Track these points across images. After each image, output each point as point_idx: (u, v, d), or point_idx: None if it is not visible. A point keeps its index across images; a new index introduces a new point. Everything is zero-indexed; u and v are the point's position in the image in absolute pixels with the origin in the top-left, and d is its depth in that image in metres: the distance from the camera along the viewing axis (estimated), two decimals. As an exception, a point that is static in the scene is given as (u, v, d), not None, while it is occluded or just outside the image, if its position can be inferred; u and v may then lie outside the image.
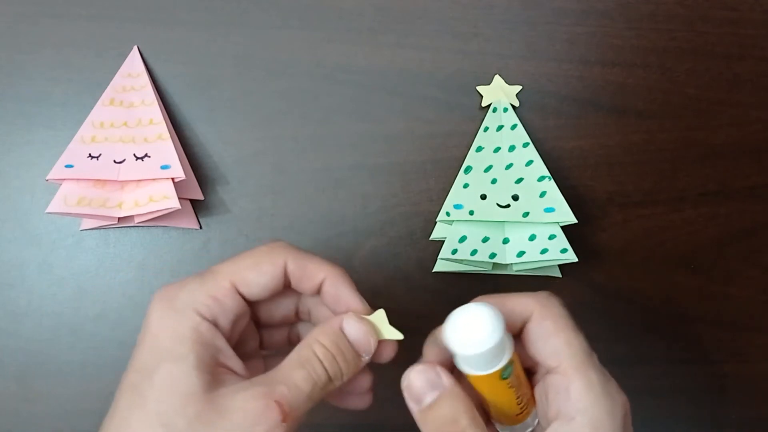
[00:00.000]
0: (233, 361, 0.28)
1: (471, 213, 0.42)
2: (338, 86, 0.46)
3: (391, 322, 0.31)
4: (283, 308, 0.32)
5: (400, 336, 0.30)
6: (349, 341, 0.29)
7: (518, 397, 0.29)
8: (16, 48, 0.45)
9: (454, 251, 0.42)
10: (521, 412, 0.30)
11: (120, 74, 0.44)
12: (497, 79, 0.46)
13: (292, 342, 0.34)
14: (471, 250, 0.42)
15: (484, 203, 0.43)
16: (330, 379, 0.28)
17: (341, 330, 0.29)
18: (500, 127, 0.45)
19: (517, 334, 0.30)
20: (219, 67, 0.46)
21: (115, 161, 0.42)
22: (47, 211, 0.40)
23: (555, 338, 0.28)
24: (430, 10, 0.47)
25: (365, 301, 0.31)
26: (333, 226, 0.46)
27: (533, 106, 0.47)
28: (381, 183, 0.46)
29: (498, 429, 0.31)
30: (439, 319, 0.47)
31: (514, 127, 0.45)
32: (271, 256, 0.29)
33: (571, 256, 0.42)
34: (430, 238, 0.45)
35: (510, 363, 0.27)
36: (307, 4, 0.46)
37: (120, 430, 0.25)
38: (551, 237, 0.42)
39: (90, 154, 0.42)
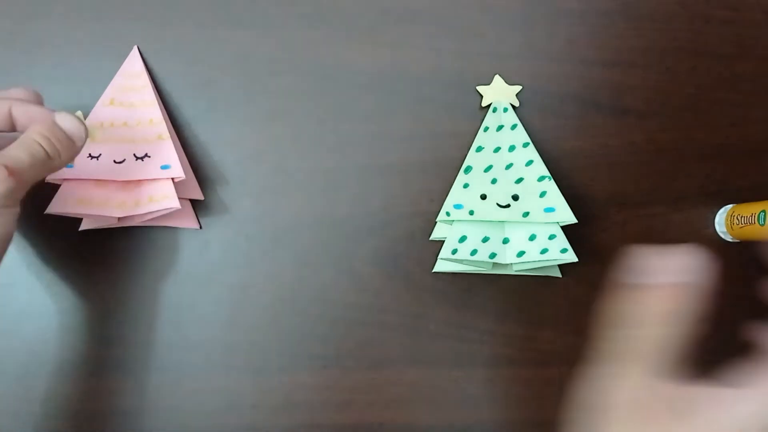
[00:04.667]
0: None
1: (471, 213, 0.42)
2: (338, 86, 0.46)
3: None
4: None
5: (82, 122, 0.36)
6: (62, 129, 0.36)
7: None
8: (16, 48, 0.45)
9: (454, 251, 0.42)
10: None
11: (120, 74, 0.44)
12: (497, 79, 0.46)
13: None
14: (471, 250, 0.42)
15: (484, 203, 0.43)
16: (49, 156, 0.35)
17: (54, 122, 0.36)
18: (500, 127, 0.45)
19: None
20: (219, 67, 0.46)
21: (115, 161, 0.42)
22: (47, 211, 0.40)
23: None
24: (430, 10, 0.47)
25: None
26: (333, 226, 0.46)
27: (533, 106, 0.47)
28: (381, 183, 0.46)
29: None
30: (440, 319, 0.46)
31: (514, 127, 0.45)
32: None
33: (571, 256, 0.42)
34: (430, 238, 0.45)
35: None
36: (307, 4, 0.46)
37: None
38: (551, 237, 0.42)
39: (90, 154, 0.42)
